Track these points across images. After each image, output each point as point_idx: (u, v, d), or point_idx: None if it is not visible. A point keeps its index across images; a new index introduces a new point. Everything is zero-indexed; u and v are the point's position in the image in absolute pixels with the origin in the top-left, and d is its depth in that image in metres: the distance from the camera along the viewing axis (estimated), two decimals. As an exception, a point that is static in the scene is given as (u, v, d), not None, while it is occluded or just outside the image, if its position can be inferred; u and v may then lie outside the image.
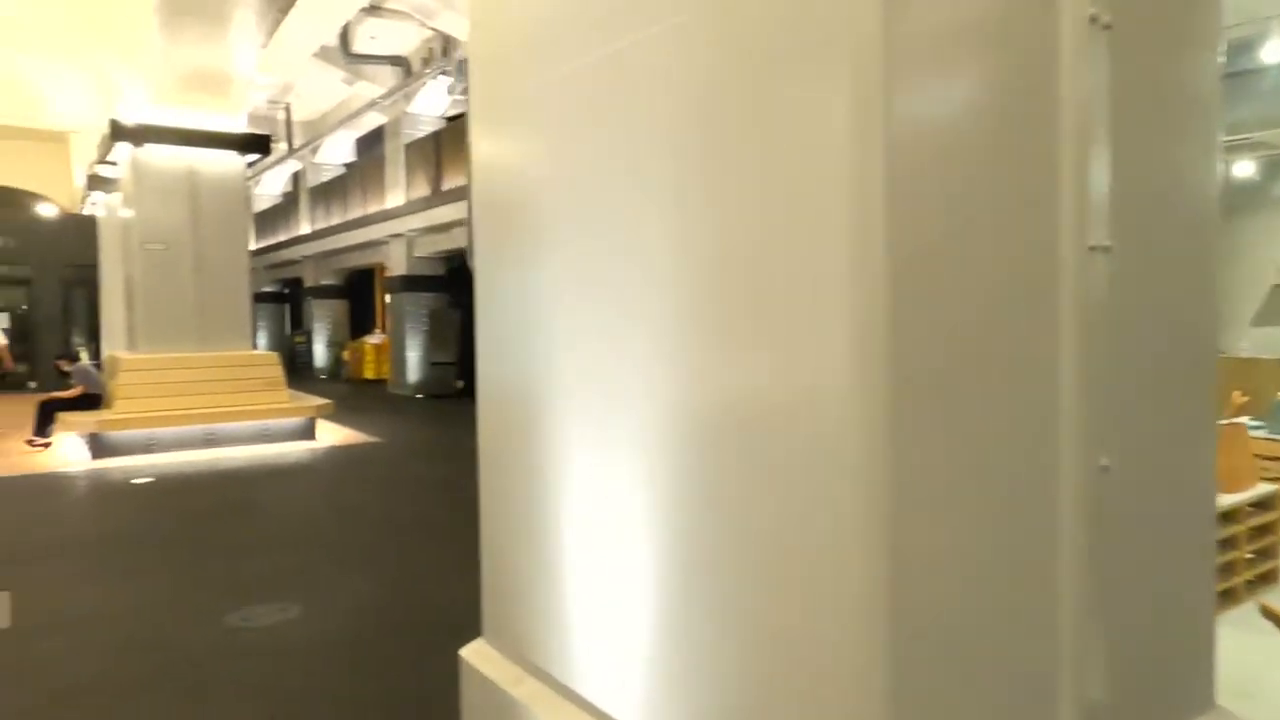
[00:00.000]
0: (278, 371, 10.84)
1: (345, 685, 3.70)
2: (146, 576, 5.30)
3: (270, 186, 25.89)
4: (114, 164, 10.83)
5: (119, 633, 4.32)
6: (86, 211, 16.86)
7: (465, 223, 13.86)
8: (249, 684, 3.70)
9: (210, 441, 10.08)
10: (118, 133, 9.95)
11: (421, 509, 7.24)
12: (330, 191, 20.31)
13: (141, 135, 10.04)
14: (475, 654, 2.42)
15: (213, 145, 10.52)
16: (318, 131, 20.01)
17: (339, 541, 6.17)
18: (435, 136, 15.60)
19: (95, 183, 13.94)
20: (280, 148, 22.58)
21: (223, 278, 10.75)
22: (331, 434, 11.27)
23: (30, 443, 9.85)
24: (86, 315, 17.76)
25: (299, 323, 23.80)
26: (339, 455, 10.04)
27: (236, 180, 10.86)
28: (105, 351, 14.32)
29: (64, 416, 9.66)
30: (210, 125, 10.45)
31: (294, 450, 10.15)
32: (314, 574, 5.29)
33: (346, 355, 20.32)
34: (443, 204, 15.06)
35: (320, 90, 19.59)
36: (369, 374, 19.64)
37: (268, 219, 24.85)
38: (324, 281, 21.43)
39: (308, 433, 10.82)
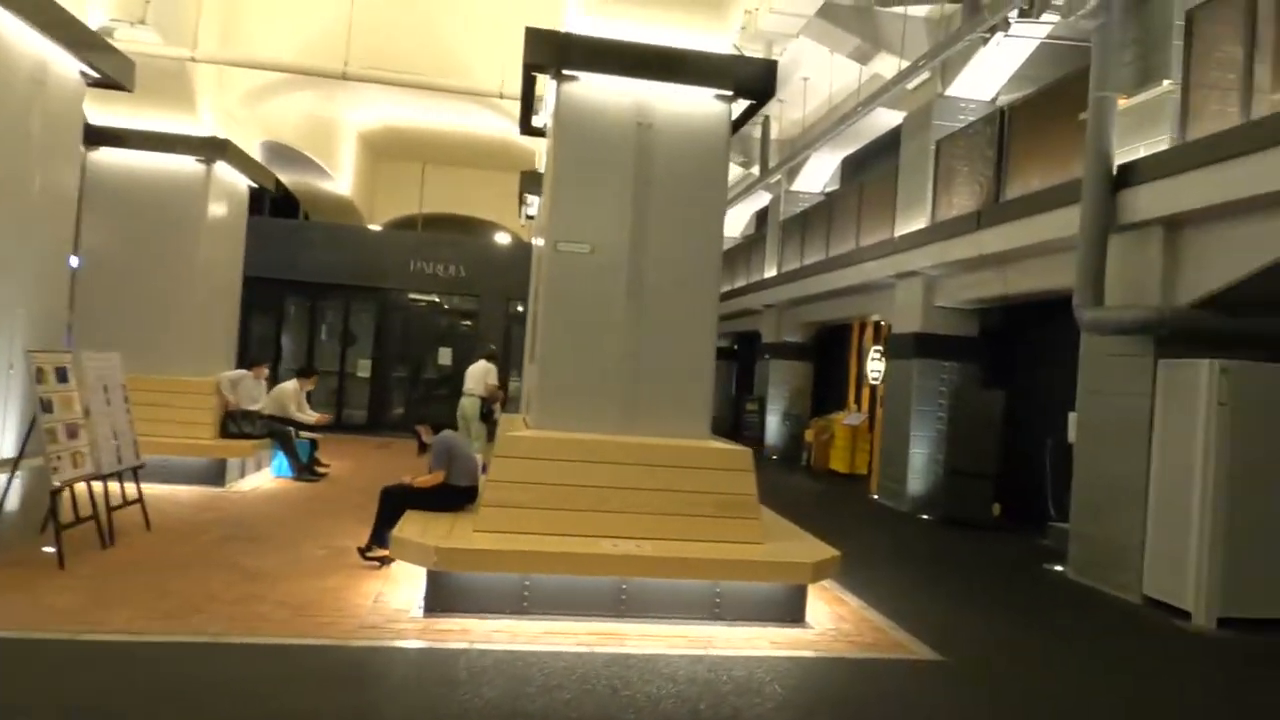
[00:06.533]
0: (748, 484, 5.84)
1: None
2: None
3: (731, 227, 22.64)
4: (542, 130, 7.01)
5: None
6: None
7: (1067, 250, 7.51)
8: None
9: (619, 608, 5.38)
10: (537, 60, 5.92)
11: None
12: (809, 223, 15.75)
13: (572, 55, 5.91)
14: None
15: (675, 77, 6.04)
16: (797, 150, 15.64)
17: None
18: (997, 119, 9.86)
19: (527, 183, 10.81)
20: (752, 173, 18.95)
21: (685, 309, 6.15)
22: (825, 606, 5.98)
23: (363, 553, 6.14)
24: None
25: (750, 387, 19.65)
26: (861, 693, 4.59)
27: (713, 137, 6.24)
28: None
29: (411, 520, 5.72)
30: (675, 42, 6.03)
31: (763, 653, 4.98)
32: None
33: (810, 435, 15.32)
34: (1000, 223, 9.23)
35: (811, 86, 15.20)
36: (838, 465, 14.35)
37: (725, 262, 21.44)
38: (786, 338, 16.88)
39: (792, 610, 5.63)
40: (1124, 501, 7.26)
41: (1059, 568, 7.99)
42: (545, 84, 6.36)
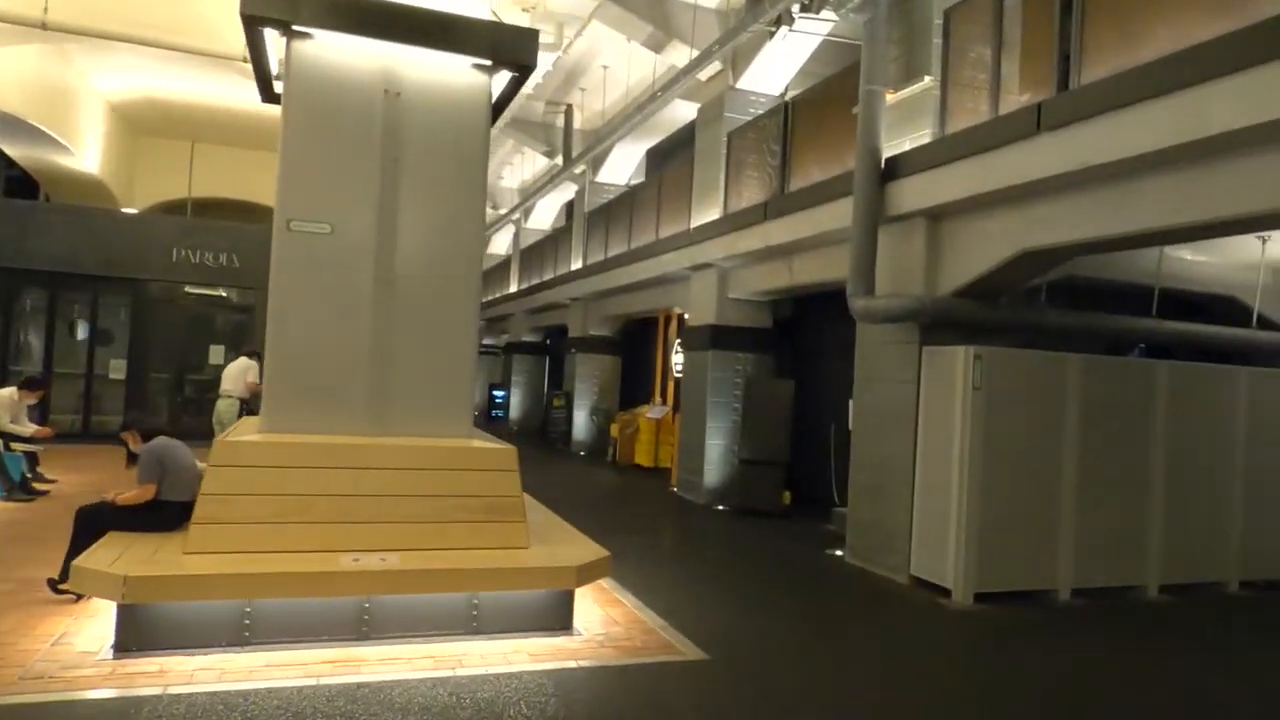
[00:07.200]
0: (512, 485, 5.41)
1: None
2: None
3: (541, 219, 22.22)
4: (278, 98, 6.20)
5: None
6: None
7: (846, 241, 7.62)
8: None
9: (361, 631, 4.79)
10: (257, 10, 5.18)
11: None
12: (613, 215, 15.59)
13: (303, 7, 5.22)
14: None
15: (430, 41, 5.51)
16: (599, 140, 15.44)
17: None
18: (782, 112, 10.02)
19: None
20: (558, 163, 18.57)
21: (443, 298, 5.62)
22: (599, 610, 5.67)
23: (54, 586, 5.16)
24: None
25: (559, 382, 19.30)
26: (615, 705, 4.28)
27: (472, 110, 5.75)
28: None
29: (109, 543, 4.83)
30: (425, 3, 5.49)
31: (519, 668, 4.57)
32: None
33: (615, 430, 15.17)
34: (785, 214, 9.39)
35: (612, 75, 15.04)
36: (642, 459, 14.29)
37: (534, 255, 20.97)
38: (593, 332, 16.67)
39: (559, 616, 5.25)
40: (894, 485, 7.49)
41: (839, 552, 8.17)
42: (279, 43, 5.60)
